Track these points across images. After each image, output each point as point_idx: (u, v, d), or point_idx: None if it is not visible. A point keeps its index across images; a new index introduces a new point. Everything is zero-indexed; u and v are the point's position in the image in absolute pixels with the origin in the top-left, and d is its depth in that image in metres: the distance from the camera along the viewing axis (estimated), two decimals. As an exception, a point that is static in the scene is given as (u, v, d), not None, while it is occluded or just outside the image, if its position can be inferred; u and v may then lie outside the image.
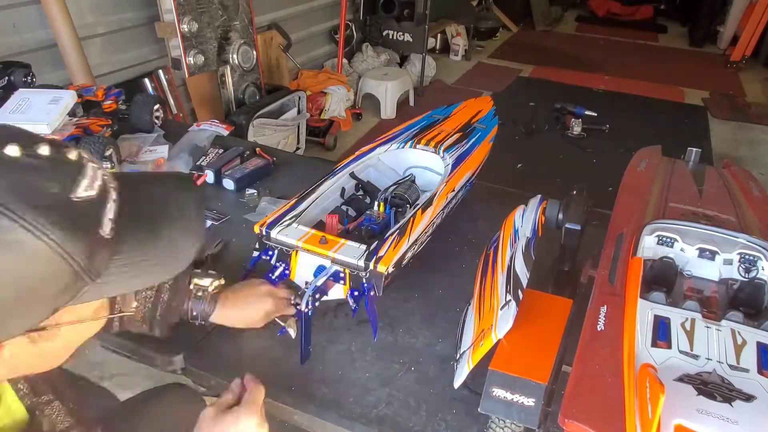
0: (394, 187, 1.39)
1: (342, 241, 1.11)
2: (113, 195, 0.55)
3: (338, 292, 1.12)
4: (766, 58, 6.32)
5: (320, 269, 1.11)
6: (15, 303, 0.49)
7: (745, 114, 4.96)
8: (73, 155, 0.53)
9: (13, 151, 0.49)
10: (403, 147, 1.52)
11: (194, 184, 0.68)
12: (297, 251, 1.13)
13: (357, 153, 1.49)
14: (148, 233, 0.59)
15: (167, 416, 1.07)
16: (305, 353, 1.09)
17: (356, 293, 1.08)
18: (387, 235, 1.13)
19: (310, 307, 1.08)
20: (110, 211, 0.54)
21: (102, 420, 0.89)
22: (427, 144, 1.49)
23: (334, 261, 1.09)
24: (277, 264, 1.16)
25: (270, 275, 1.15)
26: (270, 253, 1.15)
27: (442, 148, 1.47)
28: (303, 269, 1.14)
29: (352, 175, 1.43)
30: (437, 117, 1.71)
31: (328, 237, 1.12)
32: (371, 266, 1.05)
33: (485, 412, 0.89)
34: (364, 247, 1.09)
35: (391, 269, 1.07)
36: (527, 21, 7.76)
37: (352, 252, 1.08)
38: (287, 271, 1.15)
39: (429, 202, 1.24)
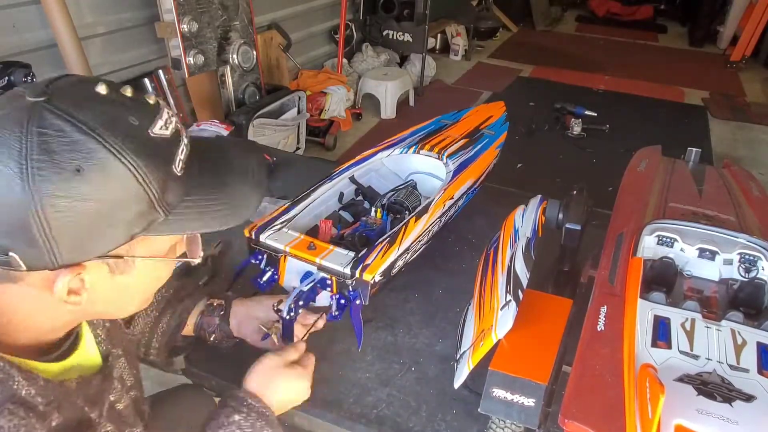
0: (393, 193, 1.37)
1: (330, 247, 1.09)
2: (185, 140, 0.62)
3: (327, 298, 1.10)
4: (766, 58, 6.32)
5: (307, 275, 1.09)
6: (96, 220, 0.54)
7: (745, 114, 4.95)
8: (152, 100, 0.60)
9: (102, 88, 0.56)
10: (406, 152, 1.49)
11: (256, 147, 0.73)
12: (285, 256, 1.11)
13: (358, 157, 1.46)
14: (214, 180, 0.65)
15: (181, 419, 1.06)
16: None
17: (342, 300, 1.06)
18: (377, 242, 1.11)
19: (292, 314, 1.05)
20: (182, 152, 0.60)
21: None
22: (431, 149, 1.46)
23: (320, 268, 1.07)
24: (266, 269, 1.14)
25: (258, 280, 1.14)
26: (259, 257, 1.14)
27: (446, 154, 1.44)
28: (291, 275, 1.12)
29: (352, 180, 1.41)
30: (446, 122, 1.67)
31: (317, 243, 1.10)
32: (357, 274, 1.03)
33: (485, 413, 0.89)
34: (352, 254, 1.07)
35: (378, 278, 1.05)
36: (527, 21, 7.76)
37: (339, 259, 1.06)
38: (276, 276, 1.14)
39: (425, 210, 1.22)
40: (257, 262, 1.15)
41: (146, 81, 2.98)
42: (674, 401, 0.77)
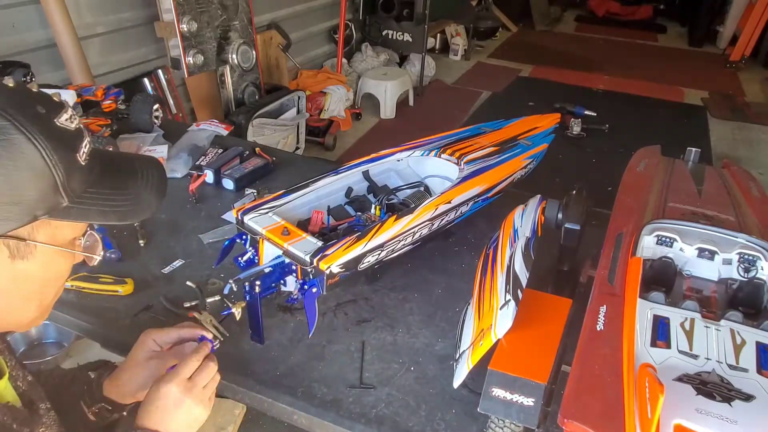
0: (394, 191, 1.38)
1: (303, 235, 1.12)
2: (87, 137, 0.65)
3: (294, 284, 1.13)
4: (765, 58, 6.32)
5: (277, 259, 1.12)
6: (2, 198, 0.56)
7: (745, 114, 4.96)
8: (57, 98, 0.64)
9: (9, 81, 0.61)
10: (427, 155, 1.49)
11: (158, 162, 0.77)
12: (263, 239, 1.15)
13: (374, 155, 1.46)
14: (116, 179, 0.69)
15: None
16: (258, 336, 1.08)
17: (306, 287, 1.09)
18: (346, 235, 1.13)
19: (249, 291, 1.05)
20: (85, 146, 0.63)
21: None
22: (451, 154, 1.46)
23: (285, 252, 1.10)
24: (248, 249, 1.19)
25: (239, 259, 1.18)
26: (244, 237, 1.18)
27: (465, 160, 1.43)
28: (268, 257, 1.16)
29: (366, 177, 1.42)
30: (486, 129, 1.65)
31: (291, 229, 1.14)
32: (315, 263, 1.06)
33: (485, 412, 0.89)
34: (320, 243, 1.10)
35: (336, 269, 1.07)
36: (526, 21, 7.76)
37: (305, 246, 1.09)
38: (256, 259, 1.18)
39: (410, 211, 1.22)
40: (242, 242, 1.19)
41: (146, 81, 2.98)
42: (673, 401, 0.77)
